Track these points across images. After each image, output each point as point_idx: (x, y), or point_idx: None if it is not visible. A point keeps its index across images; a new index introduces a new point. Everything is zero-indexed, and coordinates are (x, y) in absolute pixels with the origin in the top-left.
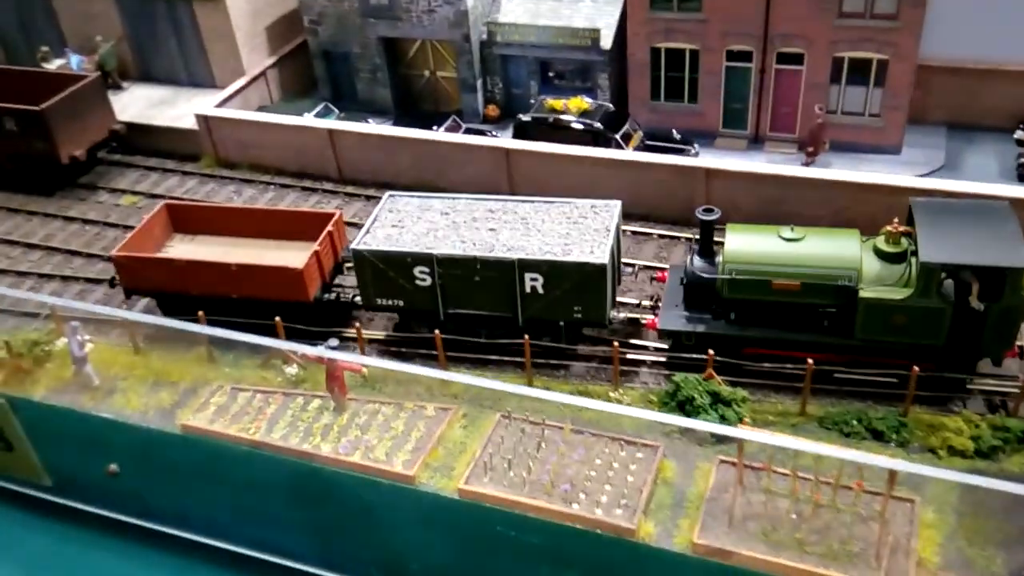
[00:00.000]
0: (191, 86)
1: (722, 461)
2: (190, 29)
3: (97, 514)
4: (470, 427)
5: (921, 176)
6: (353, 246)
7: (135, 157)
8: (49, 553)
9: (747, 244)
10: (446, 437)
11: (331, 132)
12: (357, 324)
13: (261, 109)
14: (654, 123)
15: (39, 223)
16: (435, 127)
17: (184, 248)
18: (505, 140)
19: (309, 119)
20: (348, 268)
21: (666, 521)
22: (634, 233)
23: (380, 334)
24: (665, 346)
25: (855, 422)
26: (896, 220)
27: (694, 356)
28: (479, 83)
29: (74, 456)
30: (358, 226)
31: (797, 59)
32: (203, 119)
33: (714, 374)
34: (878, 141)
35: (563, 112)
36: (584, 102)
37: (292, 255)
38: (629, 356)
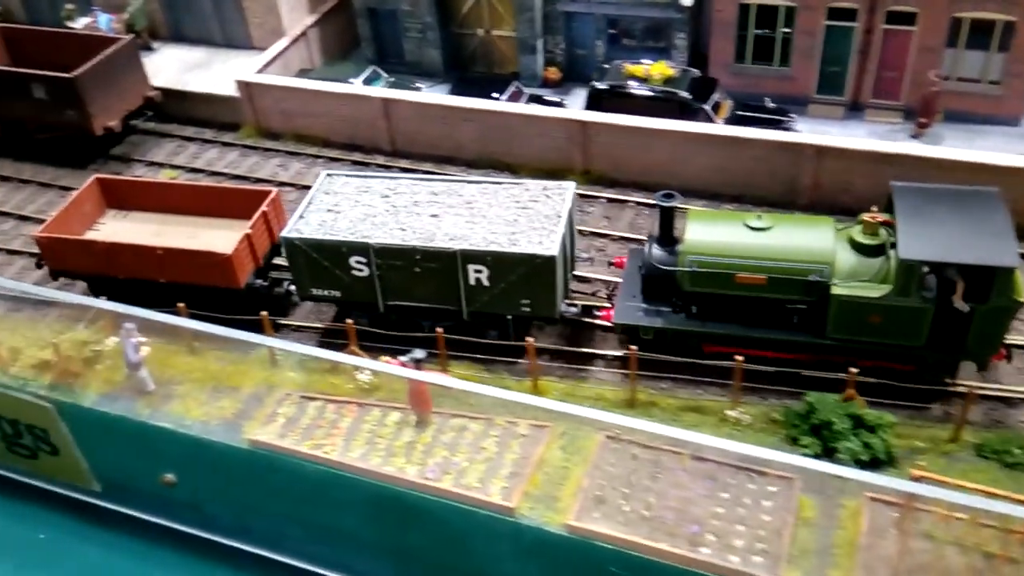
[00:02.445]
0: (226, 47)
1: (873, 499)
2: None
3: (150, 521)
4: (570, 449)
5: None
6: (283, 233)
7: (170, 125)
8: (102, 564)
9: (709, 233)
10: (545, 461)
11: (386, 102)
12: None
13: (302, 72)
14: (737, 88)
15: None
16: (495, 94)
17: (115, 226)
18: (580, 112)
19: (361, 87)
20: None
21: (813, 572)
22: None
23: (318, 325)
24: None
25: (1017, 450)
26: (874, 208)
27: (653, 355)
28: (539, 43)
29: (126, 463)
30: None
31: (909, 19)
32: (244, 86)
33: (855, 394)
34: (995, 111)
35: (644, 79)
36: (668, 67)
37: (226, 236)
38: (582, 351)
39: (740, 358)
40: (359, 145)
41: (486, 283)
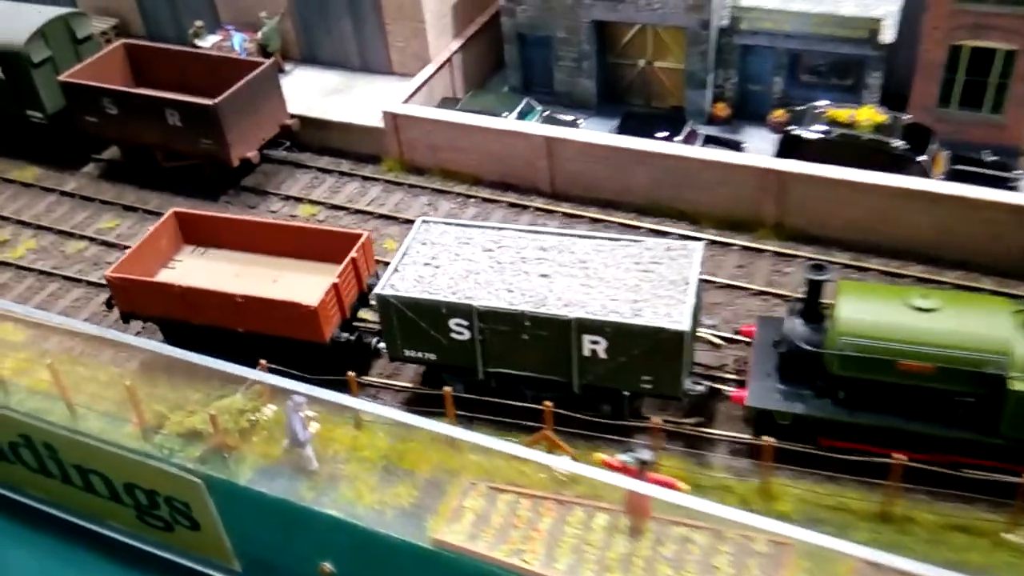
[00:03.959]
0: (363, 71)
1: None
2: (370, 6)
3: None
4: (818, 574)
5: None
6: (377, 290)
7: (303, 155)
8: None
9: (867, 312)
10: None
11: (549, 140)
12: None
13: (444, 102)
14: (939, 134)
15: None
16: (665, 133)
17: (192, 266)
18: (776, 160)
19: (521, 123)
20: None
21: None
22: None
23: (407, 384)
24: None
25: None
26: None
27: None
28: (710, 77)
29: (279, 546)
30: None
31: None
32: (391, 117)
33: None
34: None
35: (849, 124)
36: (876, 113)
37: (311, 282)
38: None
39: (901, 456)
40: (513, 184)
41: (602, 355)
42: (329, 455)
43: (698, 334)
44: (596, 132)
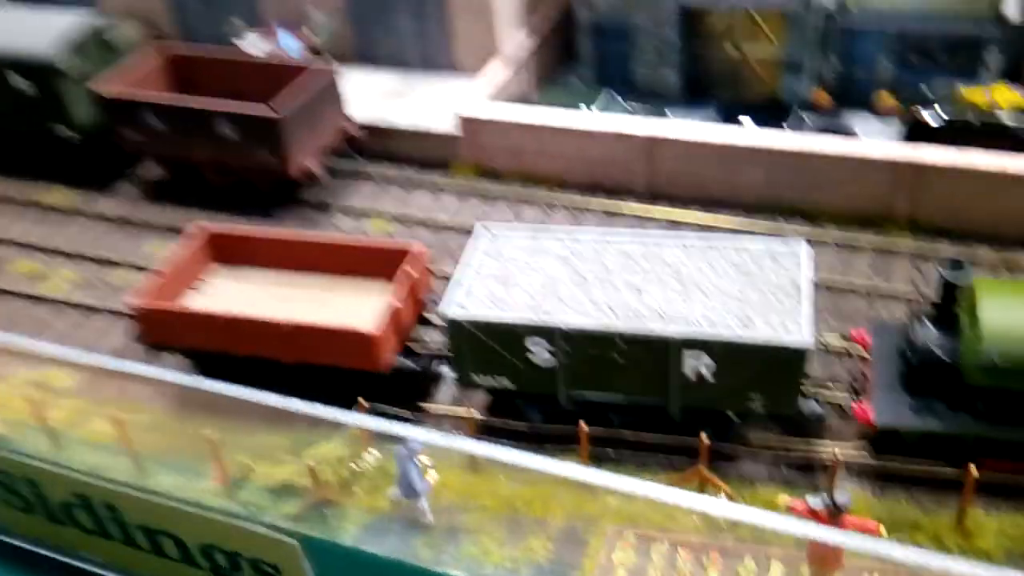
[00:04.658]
0: (424, 69)
1: None
2: (433, 1)
3: None
4: None
5: None
6: (444, 309)
7: (364, 163)
8: None
9: (1014, 316)
10: None
11: (651, 141)
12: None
13: (514, 100)
14: None
15: None
16: (778, 125)
17: (225, 288)
18: (910, 151)
19: (621, 121)
20: (431, 319)
21: None
22: None
23: (476, 416)
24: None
25: None
26: None
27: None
28: (810, 63)
29: None
30: None
31: None
32: (467, 121)
33: None
34: None
35: (986, 108)
36: (1015, 93)
37: (361, 303)
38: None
39: None
40: (604, 186)
41: (707, 376)
42: (444, 505)
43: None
44: (705, 128)
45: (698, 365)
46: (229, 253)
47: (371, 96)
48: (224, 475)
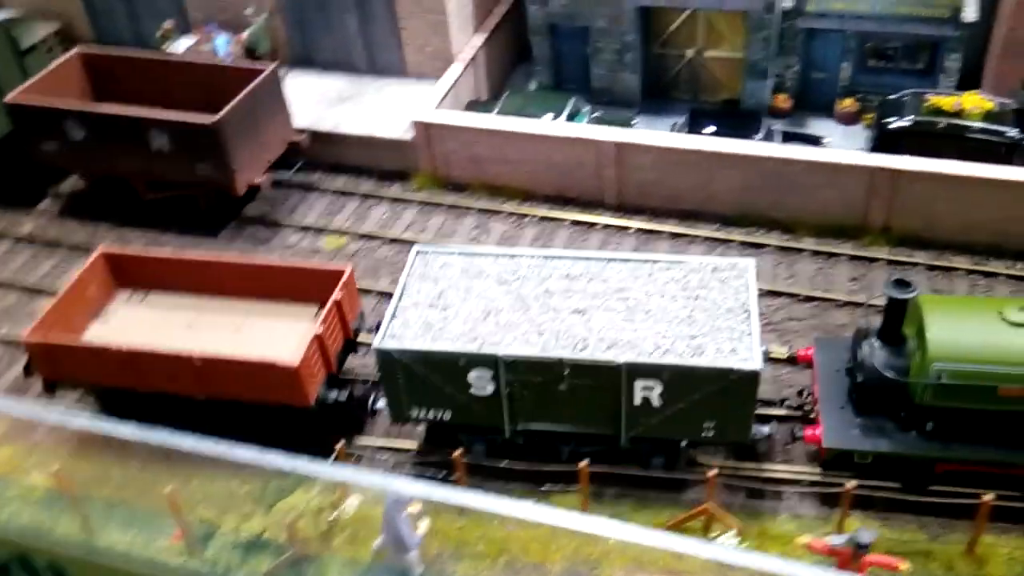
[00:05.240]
0: (371, 74)
1: None
2: (380, 1)
3: None
4: None
5: None
6: (377, 344)
7: (314, 175)
8: None
9: (959, 332)
10: None
11: (620, 146)
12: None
13: (471, 106)
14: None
15: None
16: (749, 134)
17: (130, 316)
18: (886, 158)
19: (587, 128)
20: (362, 344)
21: None
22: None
23: (409, 446)
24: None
25: None
26: None
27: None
28: (771, 66)
29: None
30: None
31: None
32: (423, 128)
33: None
34: None
35: (955, 113)
36: (984, 100)
37: (282, 329)
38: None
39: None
40: (572, 197)
41: (656, 403)
42: (434, 553)
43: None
44: (677, 135)
45: (648, 393)
46: (137, 277)
47: (316, 102)
48: (185, 532)
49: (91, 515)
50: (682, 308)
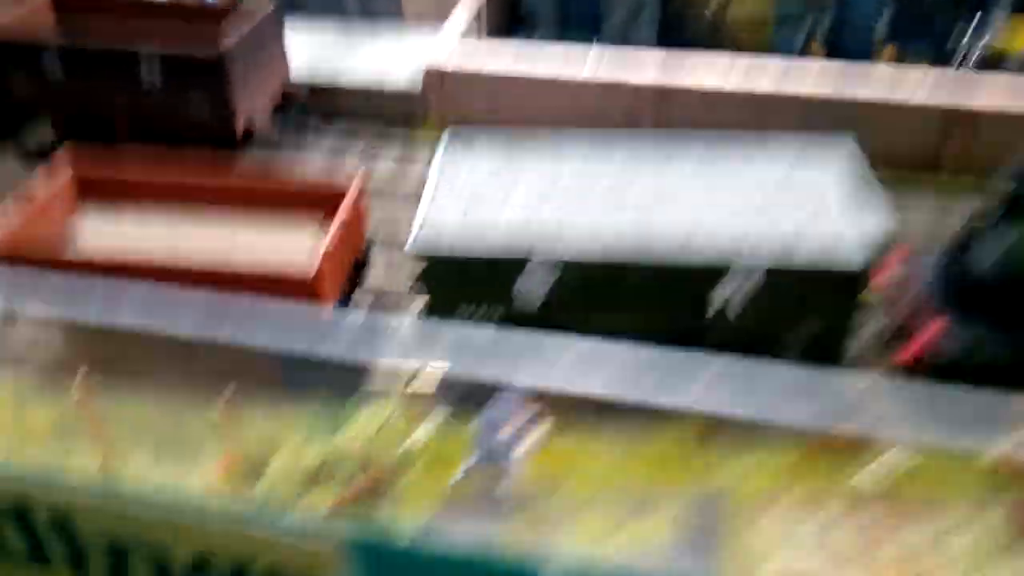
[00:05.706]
0: (366, 20)
1: None
2: None
3: None
4: None
5: None
6: (413, 242)
7: (309, 126)
8: None
9: None
10: None
11: (660, 91)
12: None
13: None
14: None
15: None
16: None
17: (103, 233)
18: (958, 96)
19: (625, 71)
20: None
21: None
22: None
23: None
24: None
25: None
26: None
27: None
28: (804, 20)
29: None
30: None
31: None
32: (438, 75)
33: None
34: None
35: None
36: None
37: (279, 242)
38: None
39: None
40: None
41: (740, 307)
42: (536, 475)
43: None
44: (725, 76)
45: (730, 296)
46: (101, 190)
47: (309, 50)
48: (231, 462)
49: (114, 447)
50: (767, 195)
